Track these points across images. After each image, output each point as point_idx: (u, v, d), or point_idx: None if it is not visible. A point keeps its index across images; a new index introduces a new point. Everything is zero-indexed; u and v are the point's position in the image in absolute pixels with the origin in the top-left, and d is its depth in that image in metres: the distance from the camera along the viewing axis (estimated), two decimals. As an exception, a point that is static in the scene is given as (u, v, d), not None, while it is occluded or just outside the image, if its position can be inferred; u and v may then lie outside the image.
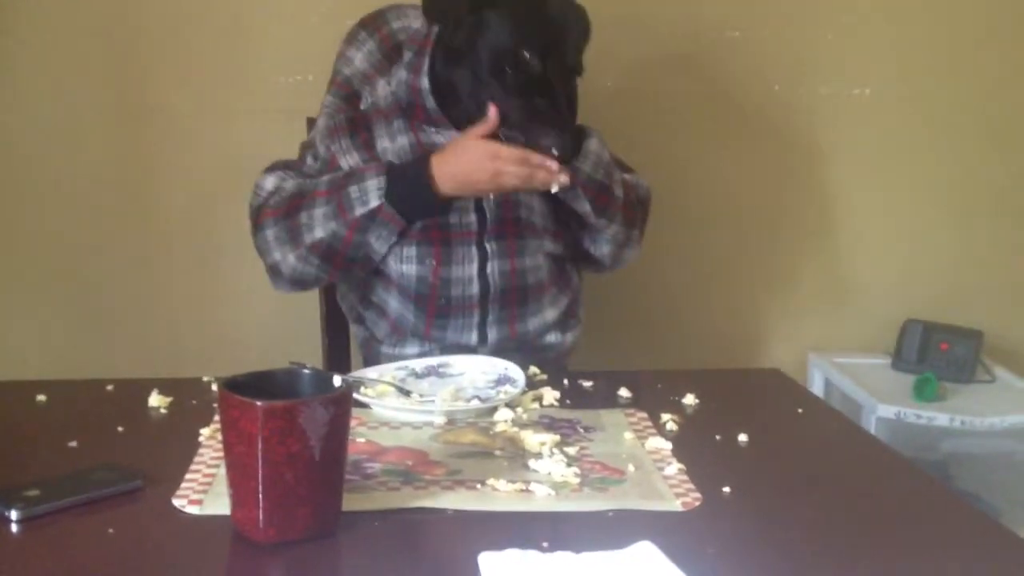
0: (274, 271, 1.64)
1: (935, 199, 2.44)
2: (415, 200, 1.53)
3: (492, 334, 1.66)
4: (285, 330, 2.12)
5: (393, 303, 1.67)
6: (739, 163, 2.36)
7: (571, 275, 1.78)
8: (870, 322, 2.45)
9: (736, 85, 2.32)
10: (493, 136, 1.51)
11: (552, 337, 1.73)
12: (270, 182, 1.66)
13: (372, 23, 1.68)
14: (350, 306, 1.78)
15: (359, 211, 1.53)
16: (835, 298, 2.47)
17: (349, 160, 1.62)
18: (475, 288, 1.64)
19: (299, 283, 1.65)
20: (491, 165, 1.48)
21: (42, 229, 2.21)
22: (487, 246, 1.64)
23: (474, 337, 1.65)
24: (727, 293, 2.41)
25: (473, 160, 1.49)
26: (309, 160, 1.67)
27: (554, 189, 1.53)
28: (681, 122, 2.26)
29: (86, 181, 2.20)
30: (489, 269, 1.64)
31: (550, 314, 1.72)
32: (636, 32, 1.68)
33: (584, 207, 1.63)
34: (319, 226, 1.55)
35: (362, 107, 1.65)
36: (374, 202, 1.52)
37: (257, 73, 2.19)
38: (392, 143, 1.61)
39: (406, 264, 1.63)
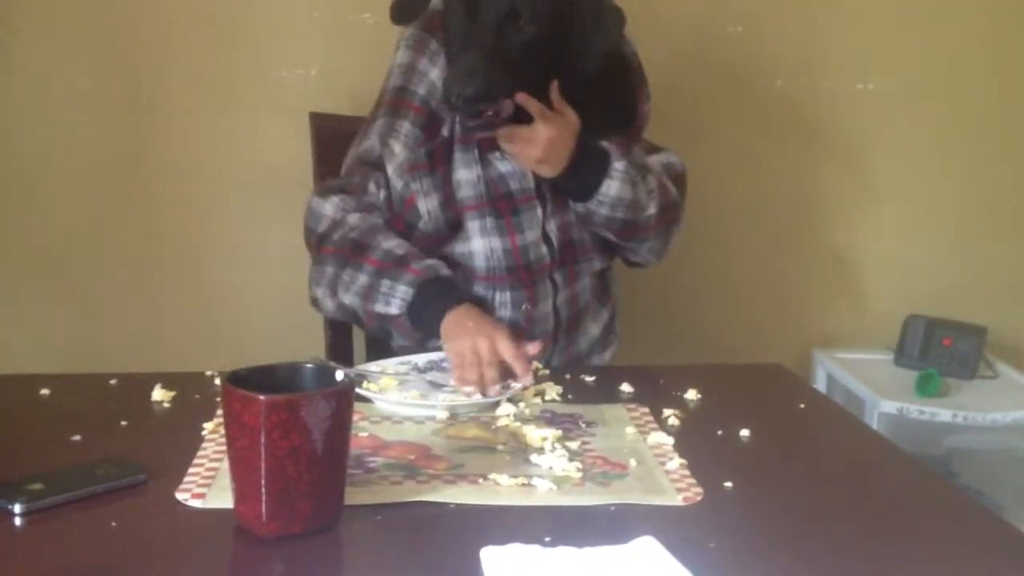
0: (315, 303, 1.60)
1: (938, 194, 2.44)
2: (430, 325, 1.46)
3: (555, 360, 1.65)
4: (288, 324, 2.12)
5: None
6: (740, 159, 2.36)
7: (611, 287, 1.79)
8: (873, 318, 2.45)
9: (738, 80, 2.32)
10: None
11: (596, 359, 1.74)
12: (330, 208, 1.56)
13: (438, 27, 1.61)
14: None
15: (379, 308, 1.48)
16: (838, 294, 2.47)
17: (428, 204, 1.59)
18: (551, 323, 1.65)
19: (338, 321, 1.69)
20: (476, 371, 1.38)
21: (43, 224, 2.21)
22: (556, 278, 1.65)
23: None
24: (729, 289, 2.41)
25: (467, 344, 1.40)
26: (372, 187, 1.59)
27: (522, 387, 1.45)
28: (682, 118, 2.25)
29: (88, 176, 2.20)
30: (559, 301, 1.66)
31: (594, 329, 1.74)
32: (637, 28, 1.67)
33: (612, 238, 1.66)
34: (352, 293, 1.50)
35: (445, 133, 1.60)
36: (394, 311, 1.47)
37: (257, 68, 2.19)
38: (468, 171, 1.60)
39: (501, 309, 1.62)
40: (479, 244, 1.60)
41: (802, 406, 1.42)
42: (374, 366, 1.47)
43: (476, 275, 1.62)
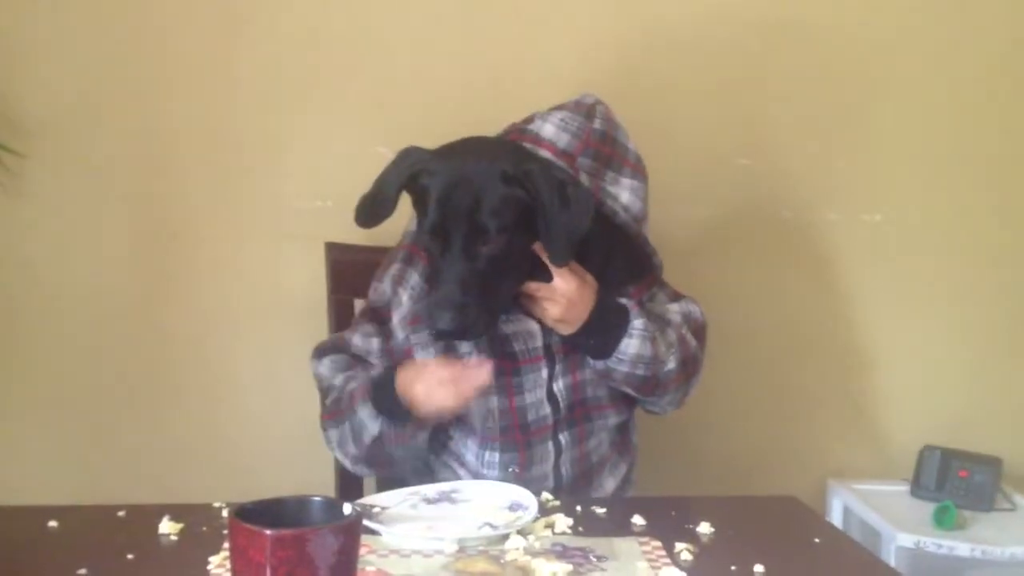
0: (347, 466, 1.68)
1: (950, 324, 2.44)
2: (396, 404, 1.53)
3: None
4: (297, 454, 2.12)
5: (465, 478, 1.65)
6: (750, 289, 2.37)
7: (631, 438, 1.78)
8: (888, 448, 2.43)
9: (746, 212, 2.35)
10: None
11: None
12: (324, 370, 1.68)
13: None
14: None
15: (367, 439, 1.56)
16: (852, 423, 2.45)
17: (426, 355, 1.60)
18: (550, 483, 1.63)
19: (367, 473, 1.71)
20: (440, 390, 1.48)
21: (55, 352, 2.22)
22: (561, 439, 1.64)
23: None
24: (743, 419, 2.40)
25: (422, 392, 1.50)
26: (357, 340, 1.66)
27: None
28: (691, 249, 2.29)
29: (102, 304, 2.22)
30: (562, 461, 1.64)
31: (609, 484, 1.71)
32: (649, 160, 1.72)
33: (632, 393, 1.66)
34: (352, 443, 1.60)
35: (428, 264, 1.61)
36: (375, 431, 1.55)
37: (276, 198, 2.23)
38: None
39: (488, 469, 1.62)
40: (476, 405, 1.58)
41: (817, 541, 1.40)
42: (382, 498, 1.46)
43: (471, 433, 1.62)
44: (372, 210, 1.55)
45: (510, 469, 1.60)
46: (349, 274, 1.95)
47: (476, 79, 2.23)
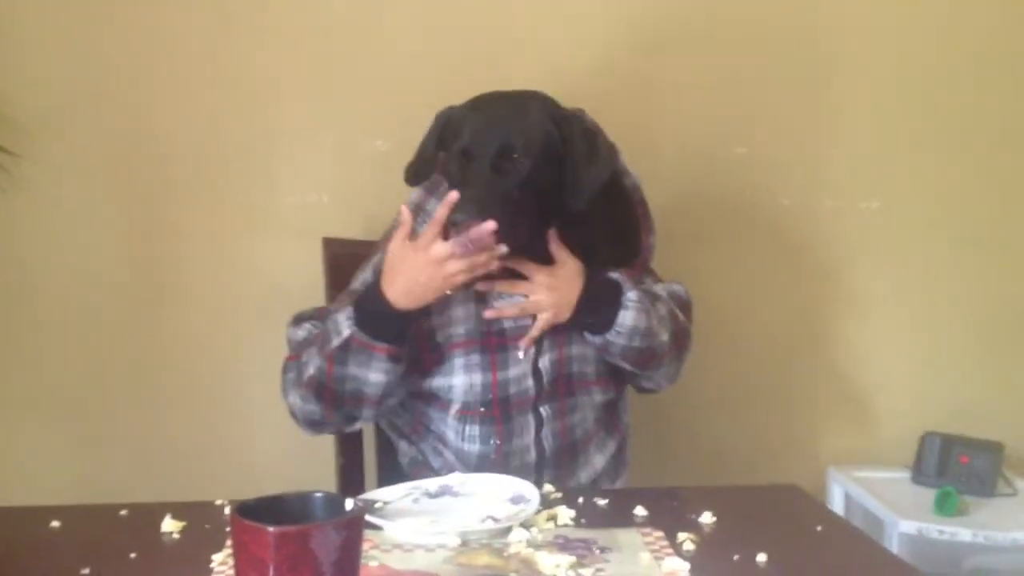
0: (291, 414, 1.66)
1: (950, 311, 2.44)
2: (384, 323, 1.52)
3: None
4: (299, 449, 2.12)
5: (450, 457, 1.68)
6: (748, 277, 2.37)
7: (620, 417, 1.79)
8: (889, 435, 2.43)
9: (744, 200, 2.35)
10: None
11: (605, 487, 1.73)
12: (301, 333, 1.67)
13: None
14: (405, 424, 1.76)
15: (335, 342, 1.54)
16: (853, 411, 2.45)
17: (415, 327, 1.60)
18: (532, 455, 1.65)
19: (311, 424, 1.65)
20: (431, 269, 1.48)
21: (54, 350, 2.22)
22: (541, 411, 1.65)
23: None
24: (744, 408, 2.40)
25: (412, 271, 1.50)
26: (341, 317, 1.62)
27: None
28: (690, 238, 2.29)
29: (102, 302, 2.22)
30: (544, 433, 1.65)
31: (598, 461, 1.72)
32: (644, 149, 1.72)
33: (628, 368, 1.67)
34: (311, 363, 1.58)
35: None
36: (345, 332, 1.53)
37: (272, 194, 2.23)
38: (463, 308, 1.62)
39: (468, 443, 1.64)
40: (460, 379, 1.62)
41: (819, 528, 1.40)
42: (384, 492, 1.46)
43: (451, 407, 1.65)
44: (417, 168, 1.62)
45: (491, 441, 1.62)
46: (347, 269, 1.94)
47: (472, 74, 2.21)
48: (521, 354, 1.61)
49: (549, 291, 1.58)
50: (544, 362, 1.63)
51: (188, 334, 2.25)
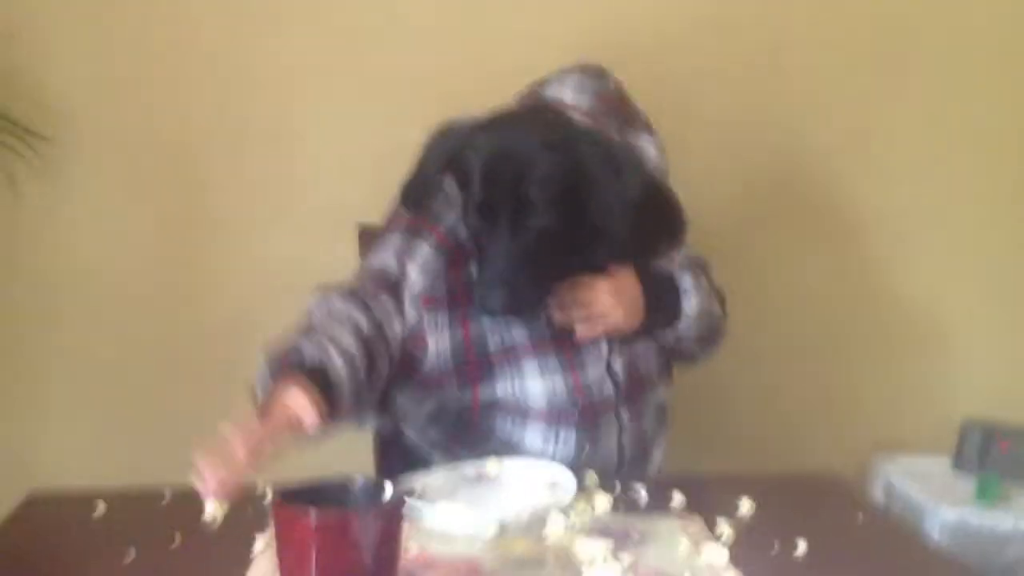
0: None
1: (990, 296, 2.42)
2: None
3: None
4: (338, 436, 2.13)
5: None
6: (790, 265, 2.36)
7: (668, 416, 1.74)
8: (930, 422, 2.41)
9: (782, 189, 2.33)
10: None
11: None
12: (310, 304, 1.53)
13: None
14: (439, 435, 1.63)
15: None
16: (895, 397, 2.43)
17: (440, 342, 1.49)
18: (614, 460, 1.59)
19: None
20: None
21: (94, 336, 2.25)
22: (622, 415, 1.59)
23: None
24: (785, 395, 2.39)
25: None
26: (386, 299, 1.49)
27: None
28: (725, 225, 2.28)
29: (143, 288, 2.25)
30: (624, 439, 1.60)
31: (657, 457, 1.69)
32: (676, 139, 1.70)
33: (697, 352, 1.68)
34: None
35: (473, 271, 1.50)
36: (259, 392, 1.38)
37: (308, 182, 2.24)
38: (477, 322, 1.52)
39: (563, 445, 1.55)
40: (539, 385, 1.53)
41: (860, 518, 1.39)
42: (423, 478, 1.47)
43: (532, 414, 1.55)
44: (418, 192, 1.51)
45: (584, 447, 1.55)
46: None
47: (500, 63, 2.21)
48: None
49: (614, 295, 1.52)
50: (617, 363, 1.58)
51: (223, 321, 2.27)
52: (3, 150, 2.11)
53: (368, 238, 1.98)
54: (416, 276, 1.49)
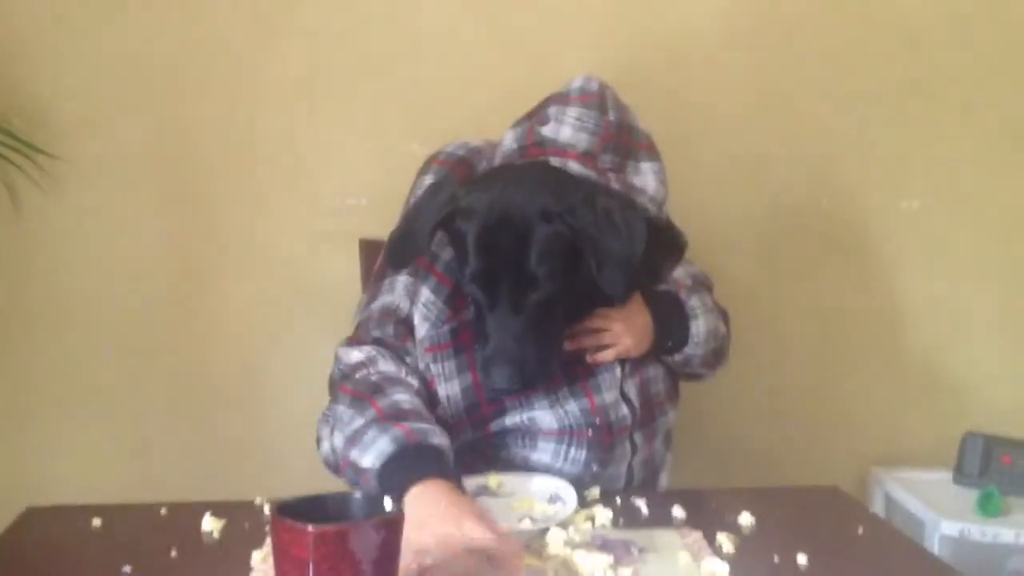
0: (318, 444, 1.52)
1: (992, 310, 2.42)
2: (396, 489, 1.23)
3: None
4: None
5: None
6: (789, 278, 2.36)
7: (672, 438, 1.75)
8: (930, 435, 2.41)
9: (781, 201, 2.33)
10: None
11: None
12: (358, 355, 1.48)
13: (466, 178, 1.53)
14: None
15: (354, 456, 1.34)
16: (895, 411, 2.43)
17: (448, 389, 1.49)
18: (622, 483, 1.59)
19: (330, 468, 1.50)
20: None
21: (94, 350, 2.24)
22: (636, 438, 1.59)
23: None
24: (785, 409, 2.38)
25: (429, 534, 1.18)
26: (411, 346, 1.50)
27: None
28: (732, 238, 2.28)
29: (140, 303, 2.24)
30: (634, 461, 1.60)
31: (663, 480, 1.70)
32: (683, 151, 1.70)
33: (703, 373, 1.69)
34: (343, 435, 1.38)
35: (472, 312, 1.48)
36: (366, 463, 1.31)
37: (310, 197, 2.24)
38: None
39: (570, 465, 1.53)
40: (548, 415, 1.52)
41: (860, 531, 1.38)
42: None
43: (542, 435, 1.53)
44: (406, 251, 1.47)
45: (593, 467, 1.54)
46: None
47: (509, 80, 2.22)
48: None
49: (623, 321, 1.53)
50: (630, 387, 1.58)
51: (226, 334, 2.26)
52: (4, 164, 2.11)
53: (371, 251, 1.98)
54: (419, 323, 1.50)
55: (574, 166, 1.48)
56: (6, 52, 2.15)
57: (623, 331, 1.53)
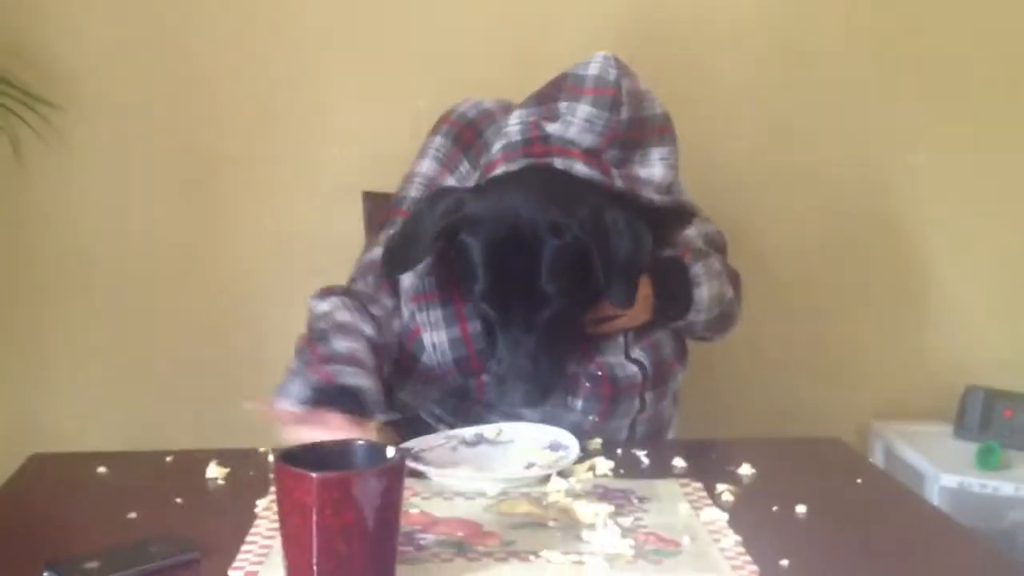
0: None
1: (993, 263, 2.42)
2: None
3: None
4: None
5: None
6: (793, 228, 2.36)
7: (679, 398, 1.75)
8: (931, 388, 2.42)
9: (788, 158, 2.33)
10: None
11: None
12: (325, 305, 1.50)
13: (471, 144, 1.57)
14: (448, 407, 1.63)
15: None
16: (896, 365, 2.44)
17: (435, 337, 1.51)
18: (623, 436, 1.59)
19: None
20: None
21: (101, 301, 2.26)
22: (647, 397, 1.59)
23: None
24: (786, 362, 2.39)
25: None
26: (385, 298, 1.53)
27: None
28: (754, 193, 2.28)
29: (147, 253, 2.25)
30: (639, 419, 1.60)
31: (670, 436, 1.71)
32: (692, 112, 1.69)
33: (709, 337, 1.69)
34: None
35: (483, 327, 1.50)
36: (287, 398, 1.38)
37: (313, 148, 2.24)
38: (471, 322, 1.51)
39: (566, 410, 1.54)
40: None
41: (859, 481, 1.39)
42: (421, 441, 1.47)
43: None
44: (404, 258, 1.46)
45: (590, 417, 1.54)
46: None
47: (513, 32, 2.20)
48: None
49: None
50: (636, 352, 1.57)
51: (233, 284, 2.28)
52: (9, 116, 2.10)
53: (373, 204, 1.98)
54: (408, 274, 1.50)
55: (579, 167, 1.46)
56: (11, 4, 2.13)
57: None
